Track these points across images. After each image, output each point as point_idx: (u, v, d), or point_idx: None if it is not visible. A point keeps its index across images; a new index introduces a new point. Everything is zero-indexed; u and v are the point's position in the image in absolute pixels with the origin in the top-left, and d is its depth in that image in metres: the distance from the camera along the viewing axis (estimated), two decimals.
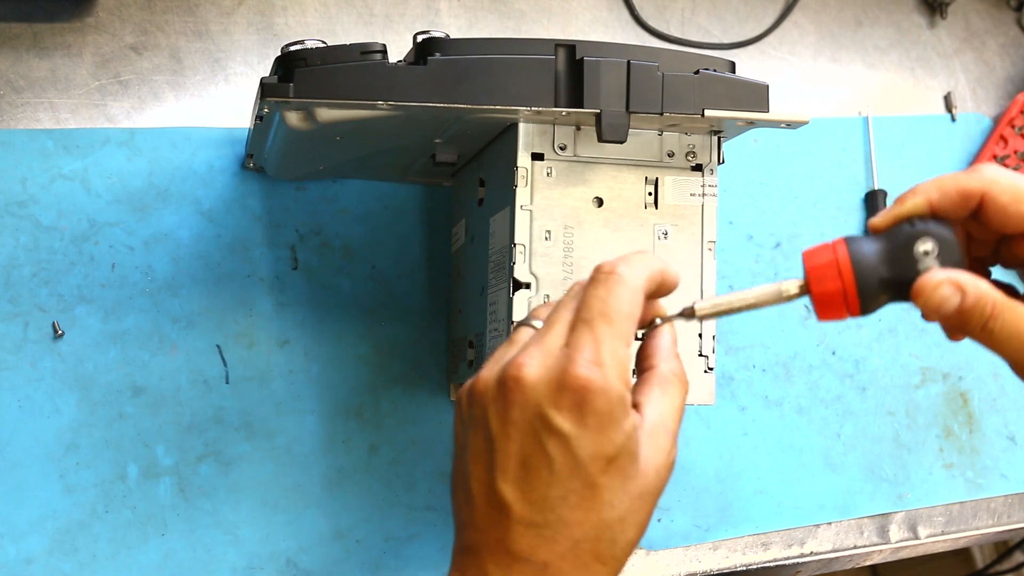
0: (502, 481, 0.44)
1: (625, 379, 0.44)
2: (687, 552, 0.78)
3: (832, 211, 0.87)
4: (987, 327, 0.45)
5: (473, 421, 0.46)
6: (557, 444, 0.43)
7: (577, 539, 0.44)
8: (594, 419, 0.43)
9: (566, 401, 0.43)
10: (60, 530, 0.64)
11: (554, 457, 0.43)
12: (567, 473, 0.43)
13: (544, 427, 0.43)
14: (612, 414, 0.43)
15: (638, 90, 0.55)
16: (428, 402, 0.73)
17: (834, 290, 0.46)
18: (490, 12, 0.81)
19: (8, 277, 0.66)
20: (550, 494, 0.44)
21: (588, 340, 0.44)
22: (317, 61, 0.52)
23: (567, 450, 0.43)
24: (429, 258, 0.74)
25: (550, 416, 0.43)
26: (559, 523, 0.44)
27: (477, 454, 0.46)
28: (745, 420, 0.81)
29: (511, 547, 0.44)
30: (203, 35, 0.73)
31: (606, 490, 0.44)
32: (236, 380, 0.69)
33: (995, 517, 0.88)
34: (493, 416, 0.45)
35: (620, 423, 0.44)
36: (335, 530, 0.70)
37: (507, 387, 0.44)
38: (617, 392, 0.43)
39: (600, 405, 0.43)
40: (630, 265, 0.46)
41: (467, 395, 0.47)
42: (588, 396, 0.43)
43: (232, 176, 0.71)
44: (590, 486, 0.44)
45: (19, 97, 0.68)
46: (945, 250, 0.46)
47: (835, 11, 0.93)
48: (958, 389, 0.88)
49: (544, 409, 0.43)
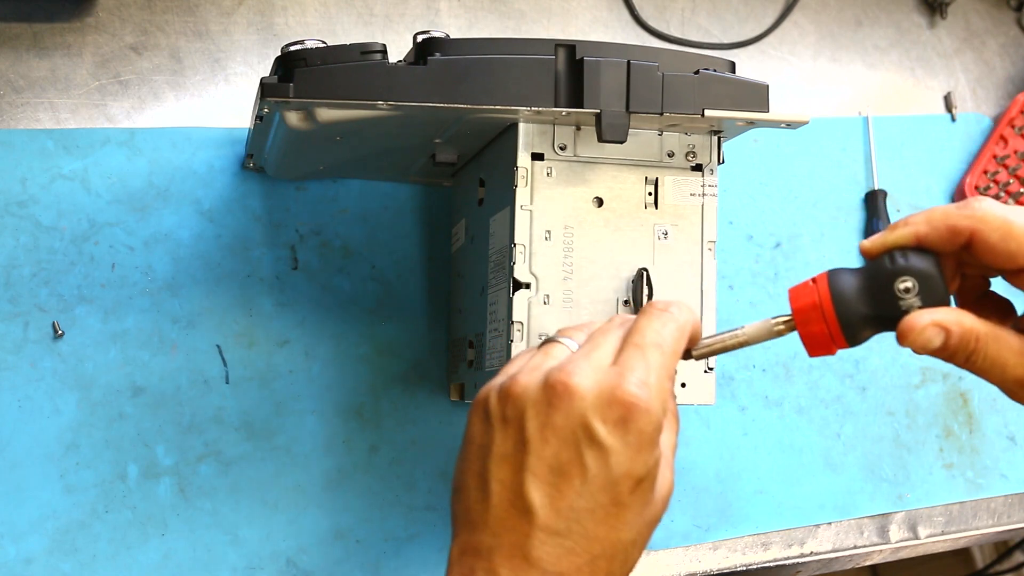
0: (532, 484, 0.44)
1: (665, 407, 0.45)
2: (687, 552, 0.78)
3: (832, 211, 0.87)
4: (971, 359, 0.46)
5: (505, 421, 0.46)
6: (596, 455, 0.44)
7: (596, 555, 0.44)
8: (635, 438, 0.44)
9: (612, 415, 0.44)
10: (60, 530, 0.64)
11: (590, 468, 0.44)
12: (599, 486, 0.44)
13: (586, 436, 0.44)
14: (651, 436, 0.44)
15: (638, 90, 0.55)
16: (428, 402, 0.73)
17: (819, 332, 0.48)
18: (490, 12, 0.81)
19: (8, 277, 0.66)
20: (578, 505, 0.44)
21: (640, 363, 0.45)
22: (317, 61, 0.52)
23: (604, 463, 0.44)
24: (429, 258, 0.74)
25: (595, 427, 0.43)
26: (582, 536, 0.44)
27: (504, 455, 0.45)
28: (745, 420, 0.81)
29: (530, 553, 0.44)
30: (203, 35, 0.73)
31: (629, 511, 0.45)
32: (236, 380, 0.69)
33: (995, 517, 0.88)
34: (532, 418, 0.45)
35: (655, 447, 0.45)
36: (335, 530, 0.70)
37: (554, 392, 0.44)
38: (659, 417, 0.44)
39: (644, 425, 0.44)
40: (681, 309, 0.48)
41: (499, 395, 0.46)
42: (635, 414, 0.44)
43: (232, 176, 0.71)
44: (617, 504, 0.44)
45: (19, 97, 0.68)
46: (926, 287, 0.46)
47: (835, 11, 0.93)
48: (958, 389, 0.88)
49: (589, 419, 0.44)
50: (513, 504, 0.44)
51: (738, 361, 0.81)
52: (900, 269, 0.46)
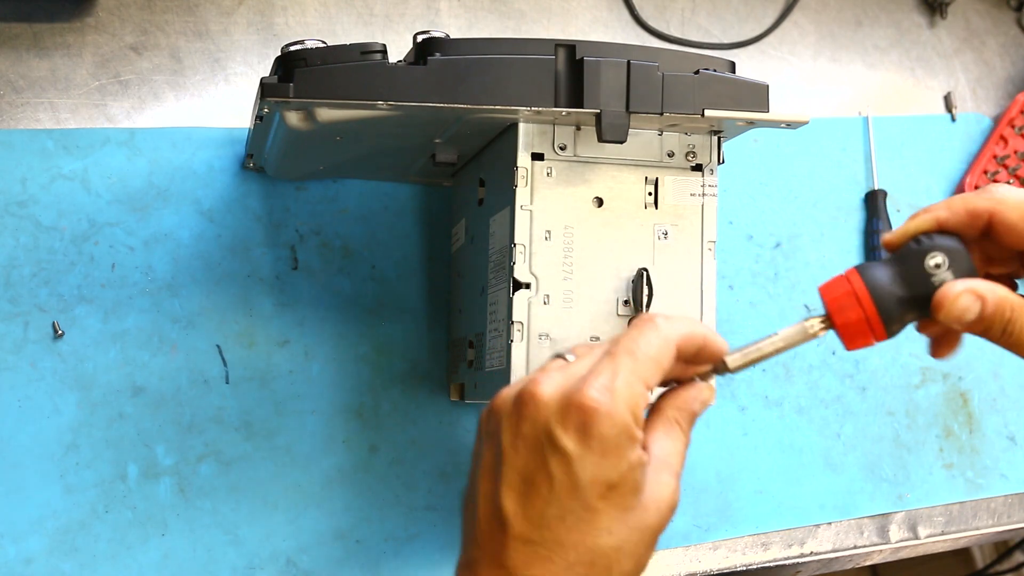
0: (505, 495, 0.45)
1: (635, 412, 0.45)
2: (687, 552, 0.78)
3: (832, 211, 0.87)
4: (1007, 330, 0.46)
5: (488, 435, 0.47)
6: (559, 462, 0.44)
7: (571, 562, 0.44)
8: (597, 443, 0.43)
9: (572, 421, 0.44)
10: (60, 530, 0.64)
11: (555, 475, 0.44)
12: (566, 493, 0.44)
13: (549, 444, 0.44)
14: (615, 440, 0.44)
15: (638, 90, 0.55)
16: (428, 402, 0.73)
17: (856, 318, 0.47)
18: (490, 12, 0.81)
19: (8, 277, 0.66)
20: (548, 512, 0.44)
21: (606, 369, 0.45)
22: (317, 61, 0.52)
23: (568, 470, 0.44)
24: (429, 258, 0.74)
25: (556, 434, 0.44)
26: (555, 543, 0.44)
27: (487, 468, 0.46)
28: (745, 420, 0.81)
29: (505, 562, 0.44)
30: (203, 35, 0.73)
31: (604, 516, 0.44)
32: (236, 380, 0.69)
33: (995, 517, 0.88)
34: (506, 430, 0.46)
35: (624, 451, 0.44)
36: (335, 530, 0.70)
37: (521, 402, 0.45)
38: (622, 420, 0.44)
39: (604, 430, 0.43)
40: (669, 319, 0.47)
41: (488, 411, 0.48)
42: (594, 419, 0.43)
43: (232, 176, 0.71)
44: (588, 509, 0.44)
45: (19, 97, 0.68)
46: (956, 260, 0.46)
47: (835, 11, 0.93)
48: (958, 389, 0.88)
49: (551, 426, 0.44)
50: (493, 516, 0.45)
51: None
52: (927, 247, 0.47)
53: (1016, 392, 0.90)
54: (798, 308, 0.84)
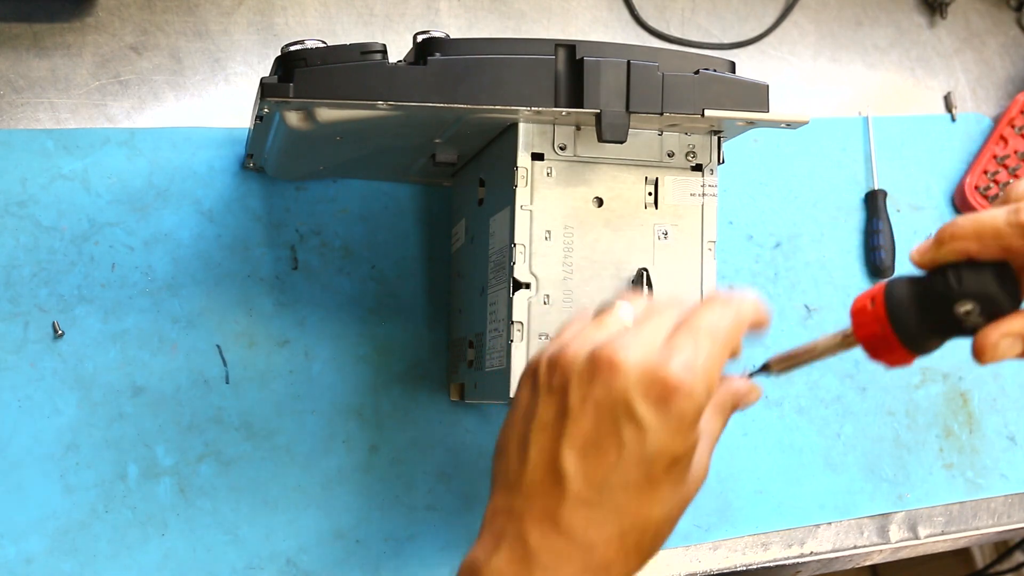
0: (568, 454, 0.45)
1: (711, 394, 0.45)
2: (687, 552, 0.78)
3: (832, 211, 0.87)
4: None
5: (550, 390, 0.47)
6: (633, 431, 0.44)
7: (626, 528, 0.45)
8: (676, 419, 0.44)
9: (653, 393, 0.44)
10: (60, 530, 0.64)
11: (626, 443, 0.44)
12: (634, 462, 0.44)
13: (625, 412, 0.44)
14: (691, 419, 0.44)
15: (638, 90, 0.55)
16: (428, 402, 0.73)
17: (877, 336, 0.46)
18: (490, 12, 0.81)
19: (8, 277, 0.66)
20: (612, 478, 0.45)
21: (690, 346, 0.45)
22: (317, 61, 0.52)
23: (641, 440, 0.44)
24: (429, 258, 0.74)
25: (634, 403, 0.44)
26: (614, 508, 0.45)
27: (545, 423, 0.46)
28: (745, 420, 0.81)
29: (560, 520, 0.45)
30: (203, 35, 0.73)
31: (662, 488, 0.45)
32: (236, 380, 0.69)
33: (995, 517, 0.88)
34: (575, 389, 0.46)
35: (693, 430, 0.45)
36: (335, 530, 0.70)
37: (599, 365, 0.45)
38: (702, 400, 0.45)
39: (685, 407, 0.44)
40: (743, 302, 0.48)
41: (548, 364, 0.47)
42: (676, 396, 0.44)
43: (232, 176, 0.71)
44: (651, 480, 0.45)
45: (19, 97, 0.68)
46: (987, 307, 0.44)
47: (835, 11, 0.93)
48: (958, 389, 0.88)
49: (630, 395, 0.44)
50: (548, 471, 0.45)
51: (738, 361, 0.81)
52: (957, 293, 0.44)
53: (1016, 392, 0.90)
54: (798, 308, 0.84)
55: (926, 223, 0.90)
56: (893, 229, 0.87)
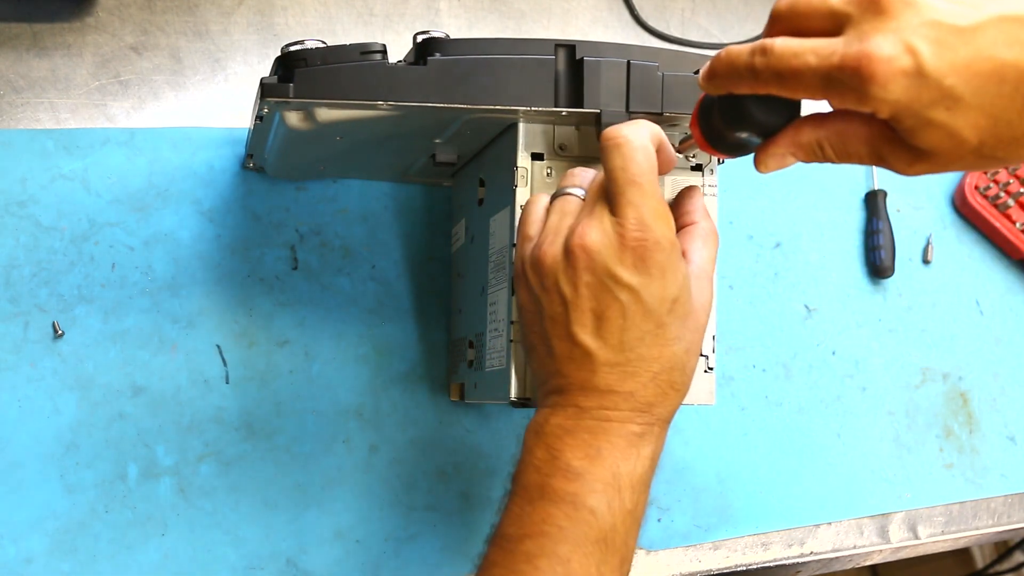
0: (582, 334, 0.51)
1: (672, 228, 0.51)
2: (687, 552, 0.78)
3: (832, 211, 0.87)
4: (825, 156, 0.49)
5: (544, 289, 0.52)
6: (628, 295, 0.50)
7: (655, 372, 0.51)
8: (656, 269, 0.50)
9: (629, 259, 0.50)
10: (60, 530, 0.64)
11: (627, 306, 0.50)
12: (640, 317, 0.50)
13: (614, 283, 0.50)
14: (670, 262, 0.50)
15: (638, 90, 0.55)
16: (428, 402, 0.73)
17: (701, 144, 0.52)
18: (490, 12, 0.82)
19: (8, 277, 0.66)
20: (627, 337, 0.51)
21: (629, 207, 0.50)
22: (317, 61, 0.52)
23: (637, 298, 0.50)
24: (429, 258, 0.74)
25: (618, 273, 0.50)
26: (639, 360, 0.51)
27: (554, 317, 0.52)
28: (745, 420, 0.81)
29: (597, 384, 0.51)
30: (203, 35, 0.73)
31: (672, 327, 0.51)
32: (236, 380, 0.69)
33: (995, 517, 0.88)
34: (566, 283, 0.51)
35: (677, 268, 0.51)
36: (335, 530, 0.70)
37: (575, 255, 0.51)
38: (669, 242, 0.50)
39: (659, 257, 0.50)
40: (632, 128, 0.51)
41: (533, 268, 0.53)
42: (646, 252, 0.50)
43: (232, 176, 0.71)
44: (660, 325, 0.51)
45: (19, 97, 0.68)
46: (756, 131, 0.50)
47: None
48: (958, 389, 0.88)
49: (612, 268, 0.50)
50: (572, 352, 0.51)
51: (738, 361, 0.81)
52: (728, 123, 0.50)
53: (1016, 392, 0.90)
54: (798, 308, 0.84)
55: (926, 223, 0.90)
56: (893, 229, 0.87)
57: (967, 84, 0.42)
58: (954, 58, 0.41)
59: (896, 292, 0.87)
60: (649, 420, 0.51)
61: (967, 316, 0.89)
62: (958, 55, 0.41)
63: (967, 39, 0.41)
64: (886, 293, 0.87)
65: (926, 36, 0.42)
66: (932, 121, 0.43)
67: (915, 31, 0.42)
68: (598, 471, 0.50)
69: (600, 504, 0.50)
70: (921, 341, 0.87)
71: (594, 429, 0.51)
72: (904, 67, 0.42)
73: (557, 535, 0.49)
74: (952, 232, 0.91)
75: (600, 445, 0.50)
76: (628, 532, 0.51)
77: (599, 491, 0.50)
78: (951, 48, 0.41)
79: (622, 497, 0.50)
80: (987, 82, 0.41)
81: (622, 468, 0.50)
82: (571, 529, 0.49)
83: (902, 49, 0.42)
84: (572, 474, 0.50)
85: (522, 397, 0.57)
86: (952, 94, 0.42)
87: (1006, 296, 0.91)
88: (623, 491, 0.50)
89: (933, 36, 0.41)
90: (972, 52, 0.41)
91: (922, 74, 0.42)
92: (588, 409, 0.51)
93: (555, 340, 0.52)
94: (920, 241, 0.89)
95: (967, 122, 0.42)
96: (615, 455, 0.50)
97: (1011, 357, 0.90)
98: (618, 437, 0.51)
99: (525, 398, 0.57)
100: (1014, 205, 0.90)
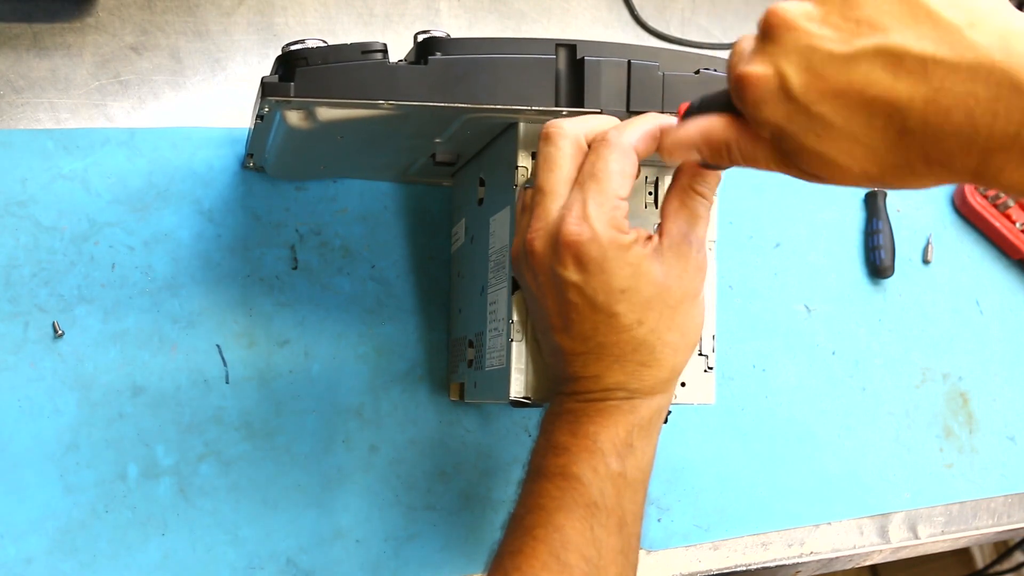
0: (552, 331, 0.53)
1: (616, 224, 0.50)
2: (687, 552, 0.78)
3: (832, 211, 0.87)
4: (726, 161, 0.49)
5: (525, 288, 0.55)
6: (574, 291, 0.51)
7: (617, 355, 0.52)
8: (595, 265, 0.50)
9: (566, 257, 0.51)
10: (60, 530, 0.64)
11: (575, 302, 0.51)
12: (589, 310, 0.52)
13: (561, 282, 0.51)
14: (607, 256, 0.50)
15: (638, 90, 0.55)
16: (428, 402, 0.73)
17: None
18: (490, 12, 0.82)
19: (8, 277, 0.66)
20: (583, 329, 0.52)
21: (577, 201, 0.51)
22: (318, 60, 0.52)
23: (582, 294, 0.51)
24: (429, 258, 0.74)
25: (559, 272, 0.51)
26: (599, 348, 0.52)
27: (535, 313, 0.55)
28: (745, 420, 0.81)
29: (571, 372, 0.54)
30: (203, 35, 0.73)
31: (627, 315, 0.51)
32: (236, 380, 0.69)
33: (995, 517, 0.88)
34: (530, 281, 0.54)
35: (620, 260, 0.51)
36: (335, 530, 0.70)
37: (526, 256, 0.53)
38: (606, 238, 0.50)
39: (594, 253, 0.50)
40: (620, 129, 0.52)
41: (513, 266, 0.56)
42: (580, 248, 0.50)
43: (232, 176, 0.71)
44: (612, 315, 0.51)
45: (19, 97, 0.68)
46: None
47: None
48: (958, 389, 0.88)
49: (555, 268, 0.51)
50: (552, 346, 0.54)
51: (738, 361, 0.81)
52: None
53: (1016, 392, 0.90)
54: (798, 308, 0.84)
55: (926, 223, 0.90)
56: (893, 229, 0.87)
57: (837, 113, 0.41)
58: (824, 86, 0.41)
59: (896, 292, 0.87)
60: (624, 395, 0.53)
61: (967, 316, 0.89)
62: (829, 83, 0.41)
63: (840, 68, 0.40)
64: (886, 293, 0.87)
65: (798, 62, 0.41)
66: (805, 147, 0.42)
67: (789, 55, 0.42)
68: (580, 442, 0.53)
69: (585, 471, 0.52)
70: (921, 341, 0.87)
71: (575, 410, 0.54)
72: (772, 89, 0.42)
73: (551, 505, 0.52)
74: (952, 232, 0.91)
75: (579, 420, 0.53)
76: (621, 493, 0.53)
77: (584, 460, 0.52)
78: (822, 75, 0.41)
79: (607, 461, 0.52)
80: (857, 112, 0.41)
81: (602, 436, 0.53)
82: (562, 498, 0.52)
83: (772, 72, 0.42)
84: (560, 449, 0.53)
85: (522, 397, 0.57)
86: (823, 121, 0.41)
87: (1006, 296, 0.91)
88: (607, 455, 0.52)
89: (806, 62, 0.41)
90: (844, 81, 0.40)
91: (790, 98, 0.42)
92: (568, 394, 0.54)
93: (540, 335, 0.56)
94: (920, 241, 0.89)
95: (841, 150, 0.42)
96: (593, 427, 0.53)
97: (1011, 357, 0.90)
98: (595, 413, 0.53)
99: (525, 398, 0.57)
100: (1014, 205, 0.90)
